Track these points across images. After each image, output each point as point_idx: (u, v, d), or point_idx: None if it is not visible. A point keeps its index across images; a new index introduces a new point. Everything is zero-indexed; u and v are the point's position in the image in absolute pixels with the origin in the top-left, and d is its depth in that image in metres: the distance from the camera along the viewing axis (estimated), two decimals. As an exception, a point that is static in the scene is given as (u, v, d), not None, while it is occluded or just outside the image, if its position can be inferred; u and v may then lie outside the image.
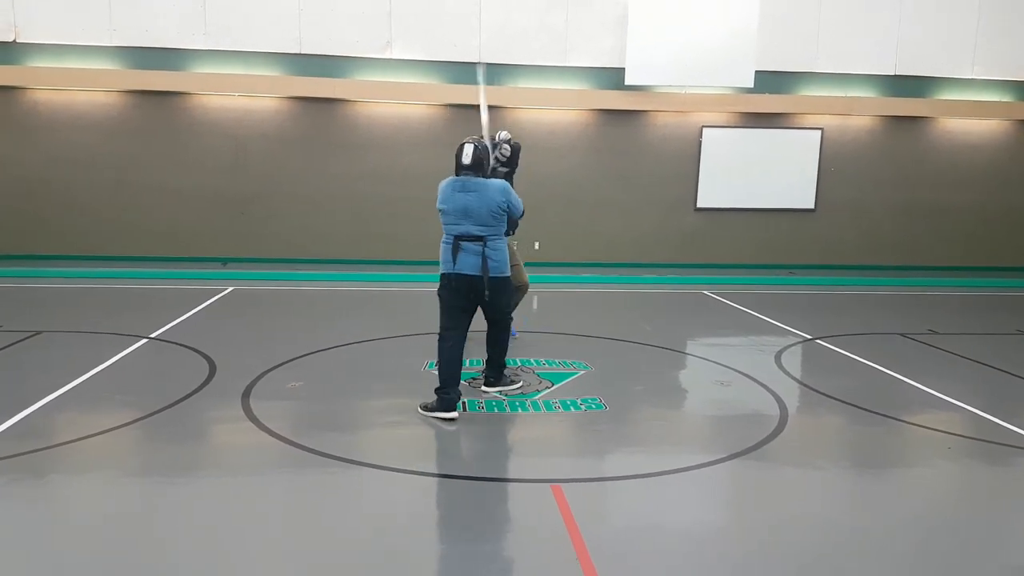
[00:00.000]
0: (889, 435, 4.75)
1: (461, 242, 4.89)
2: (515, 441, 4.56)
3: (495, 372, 5.40)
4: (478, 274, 4.85)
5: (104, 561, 3.02)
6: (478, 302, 5.00)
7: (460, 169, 4.95)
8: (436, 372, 5.03)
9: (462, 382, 5.45)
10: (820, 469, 4.14)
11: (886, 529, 3.42)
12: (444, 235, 5.02)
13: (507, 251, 5.07)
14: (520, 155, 5.93)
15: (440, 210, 5.01)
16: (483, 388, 5.41)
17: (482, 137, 5.18)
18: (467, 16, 11.14)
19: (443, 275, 4.98)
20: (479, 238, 4.87)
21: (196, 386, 5.27)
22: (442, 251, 5.00)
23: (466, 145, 4.94)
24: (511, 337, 5.66)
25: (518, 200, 5.05)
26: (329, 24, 10.92)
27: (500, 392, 5.34)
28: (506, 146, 5.64)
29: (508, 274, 5.04)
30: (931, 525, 3.53)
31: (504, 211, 4.92)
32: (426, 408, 4.88)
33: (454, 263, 4.89)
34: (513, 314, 5.80)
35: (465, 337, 5.03)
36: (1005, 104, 12.17)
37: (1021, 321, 8.67)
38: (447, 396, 4.79)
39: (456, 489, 3.80)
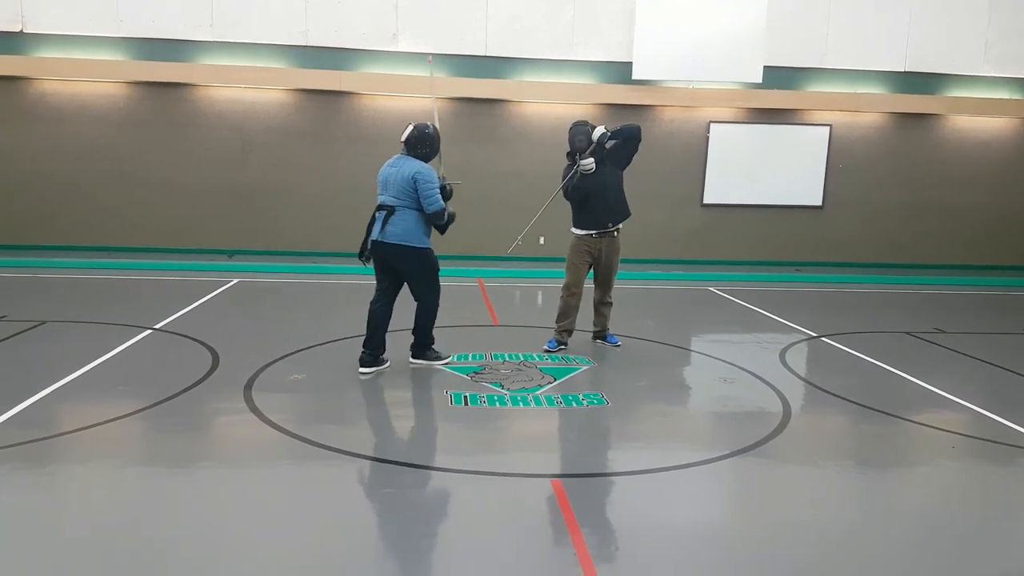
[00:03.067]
0: (893, 434, 4.72)
1: (377, 212, 5.40)
2: (517, 436, 4.55)
3: (415, 346, 5.75)
4: (380, 240, 5.31)
5: (106, 550, 3.02)
6: (392, 272, 5.49)
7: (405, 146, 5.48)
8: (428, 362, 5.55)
9: (464, 376, 5.47)
10: (823, 467, 4.12)
11: (889, 528, 3.40)
12: None
13: (413, 222, 5.33)
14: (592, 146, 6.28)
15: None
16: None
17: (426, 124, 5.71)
18: (474, 9, 11.09)
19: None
20: (390, 208, 5.30)
21: (199, 377, 5.27)
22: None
23: (408, 125, 5.56)
24: (613, 344, 6.57)
25: (430, 191, 5.26)
26: (336, 16, 10.89)
27: (425, 363, 5.72)
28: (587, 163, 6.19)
29: (414, 245, 5.33)
30: (934, 525, 3.50)
31: (414, 189, 5.25)
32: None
33: (370, 231, 5.44)
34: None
35: (391, 300, 5.58)
36: (1016, 102, 12.06)
37: (1029, 321, 8.60)
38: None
39: (457, 483, 3.78)
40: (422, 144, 5.42)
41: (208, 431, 4.48)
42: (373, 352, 5.48)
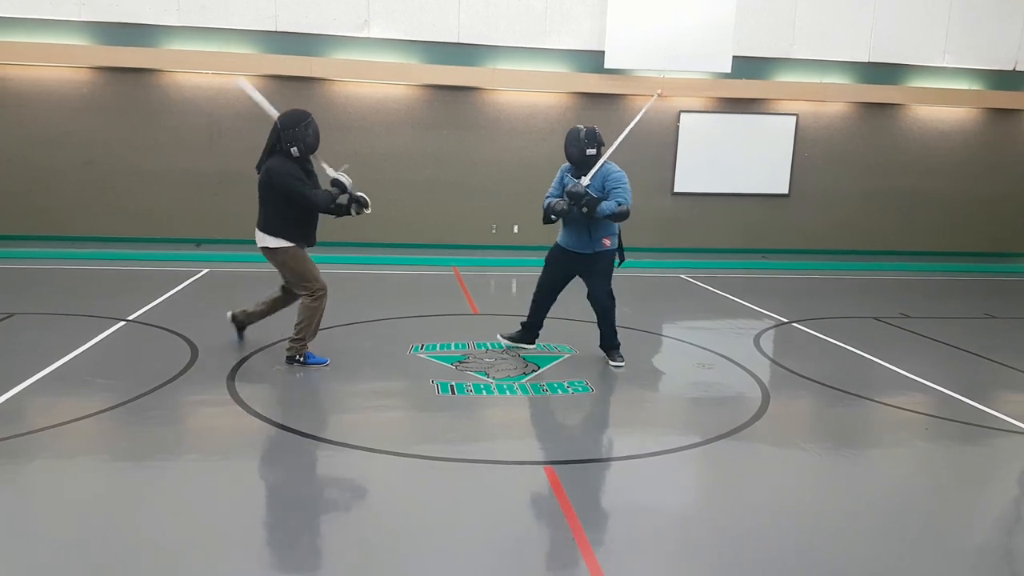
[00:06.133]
0: (869, 416, 4.88)
1: None
2: (506, 424, 4.59)
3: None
4: None
5: (91, 545, 2.99)
6: None
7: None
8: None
9: (448, 366, 5.50)
10: (805, 450, 4.24)
11: (871, 507, 3.52)
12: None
13: None
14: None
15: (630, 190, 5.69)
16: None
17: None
18: (446, -4, 11.02)
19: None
20: None
21: (180, 369, 5.20)
22: (616, 228, 5.79)
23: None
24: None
25: None
26: (306, 1, 10.72)
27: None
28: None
29: None
30: (914, 503, 3.63)
31: None
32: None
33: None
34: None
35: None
36: (974, 92, 12.40)
37: (989, 305, 8.90)
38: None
39: (452, 471, 3.81)
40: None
41: (195, 424, 4.43)
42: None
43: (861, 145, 12.57)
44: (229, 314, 5.89)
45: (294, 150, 5.31)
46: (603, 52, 11.29)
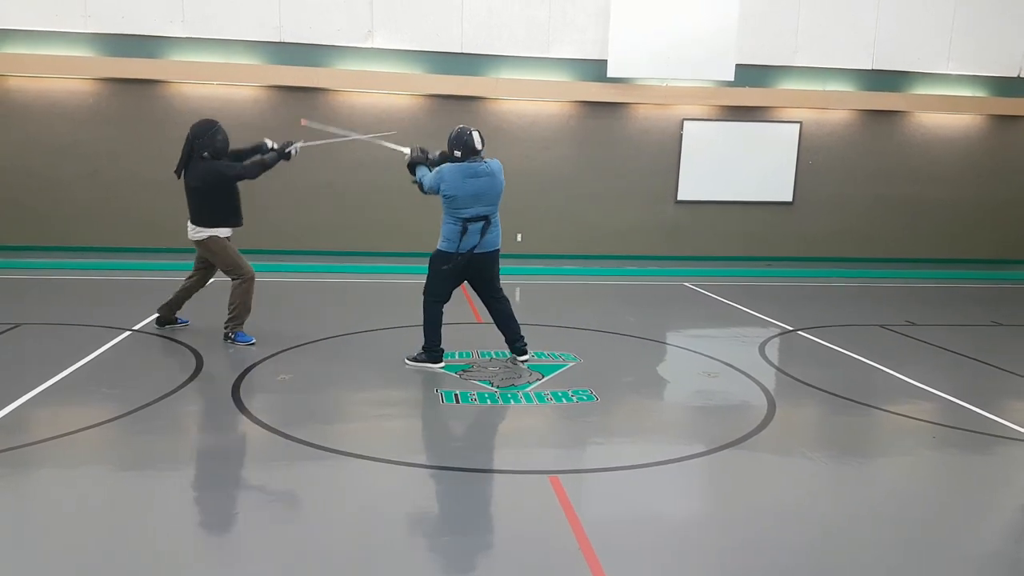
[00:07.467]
0: (876, 425, 4.85)
1: (469, 224, 5.39)
2: (510, 433, 4.58)
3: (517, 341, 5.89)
4: (481, 250, 5.47)
5: (95, 556, 2.98)
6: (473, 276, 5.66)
7: (472, 154, 5.41)
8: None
9: (452, 374, 5.49)
10: (811, 459, 4.21)
11: (880, 516, 3.49)
12: (452, 219, 5.43)
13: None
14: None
15: (450, 196, 5.35)
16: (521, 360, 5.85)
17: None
18: (450, 6, 11.07)
19: (448, 253, 5.46)
20: (486, 217, 5.44)
21: (184, 379, 5.21)
22: (449, 232, 5.44)
23: (473, 131, 5.46)
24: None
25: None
26: (310, 12, 10.79)
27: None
28: None
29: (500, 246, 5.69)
30: (919, 513, 3.61)
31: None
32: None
33: (459, 243, 5.41)
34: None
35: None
36: (978, 99, 12.40)
37: (996, 312, 8.86)
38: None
39: (454, 481, 3.80)
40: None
41: (200, 434, 4.43)
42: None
43: (865, 152, 12.57)
44: (156, 316, 6.62)
45: (205, 155, 6.15)
46: (606, 61, 11.32)
